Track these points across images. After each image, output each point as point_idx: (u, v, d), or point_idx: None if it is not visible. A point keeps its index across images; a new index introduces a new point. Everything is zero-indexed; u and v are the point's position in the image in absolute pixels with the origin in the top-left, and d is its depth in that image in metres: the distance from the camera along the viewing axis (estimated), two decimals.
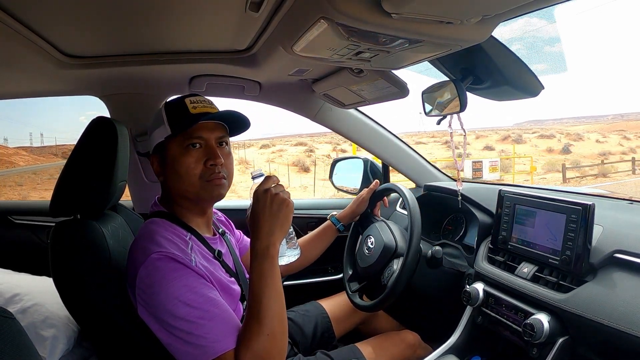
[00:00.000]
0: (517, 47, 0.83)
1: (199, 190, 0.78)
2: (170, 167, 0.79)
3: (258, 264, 0.70)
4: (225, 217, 1.05)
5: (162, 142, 0.79)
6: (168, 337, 0.67)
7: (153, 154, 0.82)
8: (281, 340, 0.69)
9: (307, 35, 0.68)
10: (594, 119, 64.12)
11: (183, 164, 0.77)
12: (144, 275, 0.68)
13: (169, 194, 0.83)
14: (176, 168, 0.78)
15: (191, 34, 0.95)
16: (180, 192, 0.80)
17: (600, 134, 32.44)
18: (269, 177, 0.77)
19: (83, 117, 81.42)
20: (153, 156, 0.82)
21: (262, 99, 1.40)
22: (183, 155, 0.77)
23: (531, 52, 0.86)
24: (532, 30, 0.79)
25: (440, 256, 1.10)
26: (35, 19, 0.79)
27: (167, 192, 0.83)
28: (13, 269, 1.30)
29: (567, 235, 0.84)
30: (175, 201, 0.82)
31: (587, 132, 34.53)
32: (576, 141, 29.11)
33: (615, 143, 28.59)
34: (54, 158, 27.82)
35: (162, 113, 0.80)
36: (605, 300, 0.74)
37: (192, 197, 0.80)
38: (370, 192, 1.25)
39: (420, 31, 0.63)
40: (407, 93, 1.10)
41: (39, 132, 58.63)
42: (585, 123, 53.90)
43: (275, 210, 0.73)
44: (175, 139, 0.78)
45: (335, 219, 1.21)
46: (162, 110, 0.81)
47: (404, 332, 1.19)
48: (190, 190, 0.79)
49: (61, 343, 1.02)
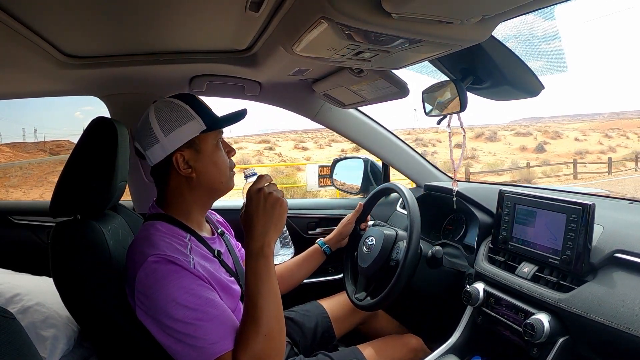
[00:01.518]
0: (514, 44, 0.83)
1: (229, 181, 0.84)
2: (208, 160, 0.80)
3: (253, 264, 0.71)
4: (223, 219, 1.05)
5: (195, 137, 0.79)
6: (166, 339, 0.67)
7: (179, 150, 0.78)
8: (279, 340, 0.69)
9: (308, 35, 0.68)
10: (590, 117, 63.96)
11: (220, 156, 0.83)
12: (142, 278, 0.68)
13: (193, 189, 0.80)
14: (215, 160, 0.81)
15: (191, 34, 0.95)
16: (214, 185, 0.82)
17: (581, 132, 31.89)
18: (261, 177, 0.78)
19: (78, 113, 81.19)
20: (179, 152, 0.78)
21: (263, 99, 1.40)
22: (218, 149, 0.83)
23: (531, 51, 0.86)
24: (531, 28, 0.79)
25: (440, 256, 1.10)
26: (35, 19, 0.79)
27: (191, 188, 0.80)
28: (13, 269, 1.30)
29: (567, 235, 0.84)
30: (198, 197, 0.81)
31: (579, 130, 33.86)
32: (554, 139, 28.68)
33: (595, 142, 28.04)
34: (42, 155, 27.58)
35: (185, 108, 0.79)
36: (606, 300, 0.74)
37: (222, 188, 0.84)
38: (356, 214, 1.27)
39: (420, 31, 0.63)
40: (407, 93, 1.11)
41: (33, 128, 58.24)
42: (582, 121, 53.63)
43: (269, 209, 0.73)
44: (210, 133, 0.81)
45: (322, 242, 1.23)
46: (184, 105, 0.79)
47: (407, 336, 1.19)
48: (223, 182, 0.83)
49: (61, 343, 1.02)
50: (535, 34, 0.80)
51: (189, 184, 0.80)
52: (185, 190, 0.81)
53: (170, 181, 0.81)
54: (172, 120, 0.78)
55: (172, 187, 0.81)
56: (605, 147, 26.19)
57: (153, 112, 0.79)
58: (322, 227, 1.61)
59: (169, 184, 0.81)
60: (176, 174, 0.79)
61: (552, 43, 0.85)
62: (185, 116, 0.79)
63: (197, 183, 0.80)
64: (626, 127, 35.07)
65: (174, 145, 0.78)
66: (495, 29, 0.67)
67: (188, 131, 0.78)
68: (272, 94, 1.39)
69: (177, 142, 0.78)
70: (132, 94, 1.30)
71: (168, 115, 0.78)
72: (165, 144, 0.78)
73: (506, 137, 28.86)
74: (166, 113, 0.79)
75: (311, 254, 1.21)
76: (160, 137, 0.78)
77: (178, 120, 0.78)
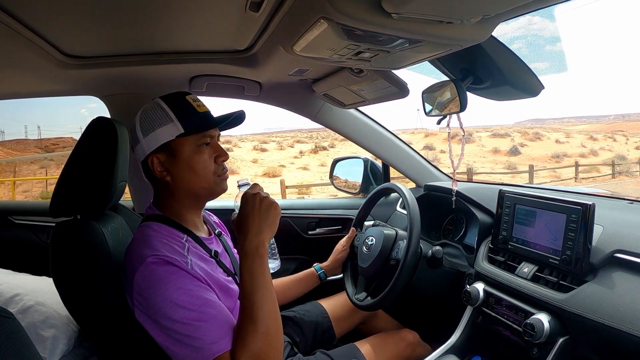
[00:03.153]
0: (518, 46, 0.83)
1: (213, 186, 0.81)
2: (184, 165, 0.78)
3: (248, 263, 0.71)
4: (219, 220, 1.05)
5: (170, 140, 0.77)
6: (165, 339, 0.67)
7: (154, 153, 0.78)
8: (276, 338, 0.69)
9: (307, 35, 0.68)
10: (595, 118, 63.68)
11: (199, 161, 0.79)
12: (140, 279, 0.68)
13: (172, 193, 0.80)
14: (192, 166, 0.78)
15: (191, 34, 0.95)
16: (193, 190, 0.80)
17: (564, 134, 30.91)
18: (255, 185, 0.81)
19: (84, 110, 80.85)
20: (154, 155, 0.78)
21: (262, 99, 1.40)
22: (198, 153, 0.79)
23: (531, 51, 0.86)
24: (534, 29, 0.79)
25: (440, 256, 1.10)
26: (35, 19, 0.79)
27: (170, 192, 0.80)
28: (13, 269, 1.30)
29: (567, 235, 0.84)
30: (179, 200, 0.81)
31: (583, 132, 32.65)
32: (533, 141, 27.59)
33: (577, 144, 27.09)
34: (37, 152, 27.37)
35: (165, 110, 0.77)
36: (606, 300, 0.74)
37: (205, 193, 0.82)
38: (349, 240, 1.28)
39: (420, 31, 0.63)
40: (407, 93, 1.11)
41: (37, 125, 58.11)
42: (587, 123, 53.27)
43: (265, 211, 0.74)
44: (188, 137, 0.78)
45: (319, 267, 1.23)
46: (165, 107, 0.78)
47: (404, 331, 1.19)
48: (205, 187, 0.80)
49: (61, 343, 1.02)
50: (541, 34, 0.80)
51: (167, 188, 0.81)
52: (166, 193, 0.81)
53: (153, 182, 0.82)
54: (152, 121, 0.78)
55: (158, 189, 0.83)
56: (587, 150, 25.41)
57: (141, 111, 0.81)
58: (322, 227, 1.61)
59: (157, 185, 0.82)
60: (153, 176, 0.80)
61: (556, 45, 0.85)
62: (163, 118, 0.77)
63: (174, 187, 0.80)
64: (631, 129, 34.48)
65: (150, 147, 0.78)
66: (496, 30, 0.67)
67: (163, 134, 0.77)
68: (272, 94, 1.39)
69: (152, 144, 0.78)
70: (132, 94, 1.30)
71: (149, 116, 0.79)
72: (143, 144, 0.78)
73: (481, 139, 28.06)
74: (149, 114, 0.79)
75: (306, 276, 1.22)
76: (141, 138, 0.79)
77: (156, 122, 0.77)
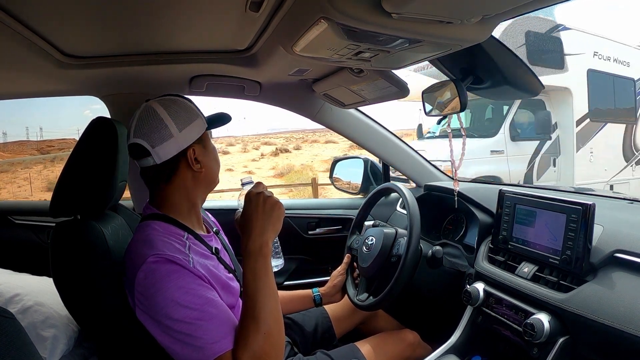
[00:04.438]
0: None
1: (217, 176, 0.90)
2: (211, 156, 0.86)
3: (252, 263, 0.71)
4: (215, 220, 1.05)
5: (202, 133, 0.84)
6: (166, 339, 0.67)
7: (191, 146, 0.81)
8: (278, 338, 0.69)
9: (307, 35, 0.68)
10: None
11: (215, 152, 0.88)
12: (142, 279, 0.68)
13: (196, 185, 0.83)
14: (215, 157, 0.88)
15: (191, 34, 0.95)
16: (215, 180, 0.89)
17: None
18: (259, 183, 0.81)
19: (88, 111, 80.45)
20: (192, 148, 0.81)
21: (262, 99, 1.40)
22: (212, 145, 0.88)
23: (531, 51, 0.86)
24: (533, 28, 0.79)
25: (440, 256, 1.10)
26: (35, 19, 0.79)
27: (195, 182, 0.83)
28: (13, 269, 1.30)
29: (567, 235, 0.84)
30: (196, 194, 0.84)
31: None
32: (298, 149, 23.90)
33: None
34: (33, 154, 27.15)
35: (192, 106, 0.83)
36: (606, 300, 0.74)
37: (217, 183, 0.90)
38: (345, 266, 1.26)
39: (420, 31, 0.63)
40: (407, 93, 1.10)
41: (39, 127, 57.94)
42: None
43: (269, 210, 0.74)
44: (208, 132, 0.87)
45: (316, 290, 1.22)
46: (190, 103, 0.84)
47: (404, 331, 1.19)
48: (218, 177, 0.89)
49: (61, 343, 1.02)
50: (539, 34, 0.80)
51: (195, 180, 0.83)
52: (190, 185, 0.82)
53: (176, 178, 0.81)
54: (183, 116, 0.80)
55: (176, 184, 0.81)
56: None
57: (162, 109, 0.78)
58: (322, 227, 1.62)
59: (172, 181, 0.81)
60: (185, 170, 0.81)
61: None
62: (194, 113, 0.82)
63: (202, 178, 0.84)
64: None
65: (188, 141, 0.80)
66: (496, 30, 0.67)
67: (197, 127, 0.82)
68: (272, 94, 1.39)
69: (190, 138, 0.80)
70: (132, 94, 1.30)
71: (178, 112, 0.80)
72: (179, 139, 0.79)
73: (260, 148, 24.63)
74: (175, 109, 0.80)
75: (303, 296, 1.21)
76: (175, 133, 0.78)
77: (188, 116, 0.81)
